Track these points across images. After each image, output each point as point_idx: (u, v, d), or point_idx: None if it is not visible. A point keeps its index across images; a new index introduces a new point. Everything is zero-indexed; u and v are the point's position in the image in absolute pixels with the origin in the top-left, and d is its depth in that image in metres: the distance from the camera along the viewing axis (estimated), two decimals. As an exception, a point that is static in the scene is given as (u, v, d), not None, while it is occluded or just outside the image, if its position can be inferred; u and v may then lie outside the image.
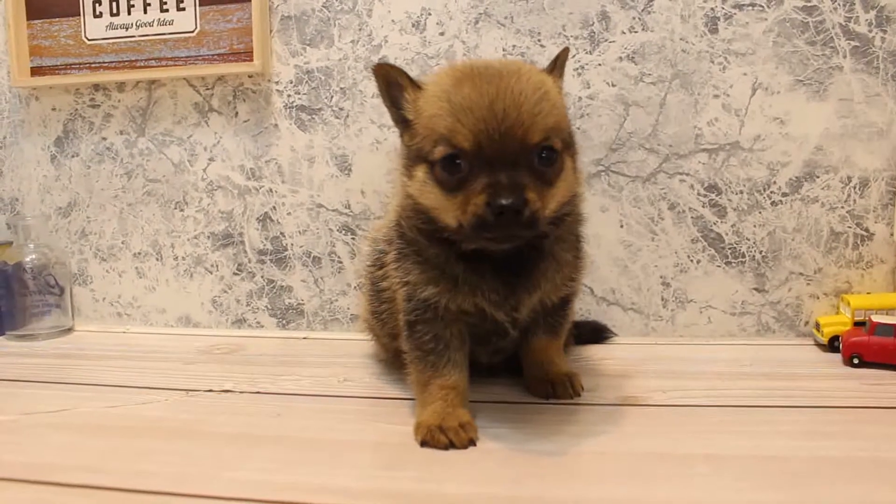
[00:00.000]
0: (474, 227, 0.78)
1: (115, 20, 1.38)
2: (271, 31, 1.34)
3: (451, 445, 0.82)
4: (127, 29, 1.38)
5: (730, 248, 1.24)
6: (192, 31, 1.35)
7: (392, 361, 1.08)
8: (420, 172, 0.83)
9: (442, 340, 0.90)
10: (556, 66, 0.90)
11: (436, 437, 0.82)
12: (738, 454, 0.79)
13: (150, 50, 1.38)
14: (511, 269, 0.87)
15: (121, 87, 1.42)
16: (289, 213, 1.37)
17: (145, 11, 1.37)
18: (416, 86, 0.85)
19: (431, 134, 0.81)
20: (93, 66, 1.41)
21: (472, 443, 0.83)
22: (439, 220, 0.83)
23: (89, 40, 1.40)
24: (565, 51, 0.91)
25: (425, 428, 0.84)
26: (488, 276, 0.87)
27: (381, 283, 1.00)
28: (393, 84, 0.87)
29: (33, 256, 1.41)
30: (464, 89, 0.79)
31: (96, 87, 1.43)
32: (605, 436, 0.85)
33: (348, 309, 1.37)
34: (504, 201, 0.75)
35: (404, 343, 0.93)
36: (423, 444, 0.83)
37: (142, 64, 1.39)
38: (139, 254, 1.46)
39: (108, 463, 0.80)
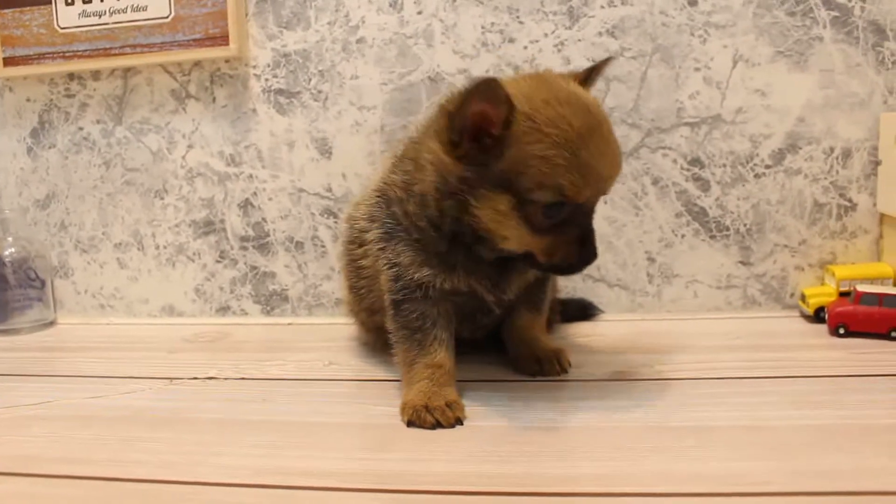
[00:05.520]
0: (560, 268, 0.86)
1: (88, 7, 1.36)
2: (247, 15, 1.32)
3: (437, 425, 0.81)
4: (100, 16, 1.36)
5: (714, 222, 1.24)
6: (167, 17, 1.33)
7: (374, 342, 1.08)
8: (502, 204, 0.80)
9: (429, 319, 0.89)
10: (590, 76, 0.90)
11: (422, 417, 0.82)
12: (726, 425, 0.79)
13: (125, 37, 1.35)
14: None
15: (96, 75, 1.40)
16: (270, 199, 1.36)
17: (118, -2, 1.35)
18: (511, 106, 0.78)
19: (537, 175, 0.78)
20: (66, 54, 1.38)
21: (459, 422, 0.82)
22: (499, 244, 0.84)
23: (62, 28, 1.38)
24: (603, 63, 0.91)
25: (411, 408, 0.83)
26: (484, 262, 0.89)
27: (360, 261, 0.99)
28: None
29: (12, 250, 1.39)
30: (590, 145, 0.78)
31: (71, 76, 1.41)
32: (594, 411, 0.85)
33: (333, 293, 1.36)
34: (593, 255, 0.83)
35: (389, 322, 0.92)
36: (410, 424, 0.82)
37: (116, 51, 1.36)
38: (120, 244, 1.44)
39: (92, 453, 0.80)
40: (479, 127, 0.78)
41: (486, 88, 0.75)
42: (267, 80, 1.33)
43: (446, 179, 0.83)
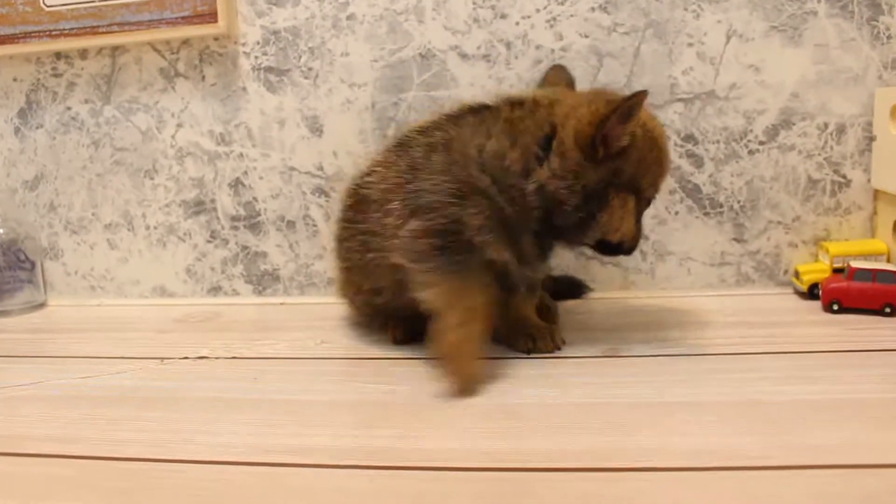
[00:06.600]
0: (631, 250, 0.99)
1: (74, -15, 1.34)
2: (236, -8, 1.31)
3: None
4: (87, -7, 1.34)
5: (708, 199, 1.24)
6: (155, -6, 1.31)
7: (369, 324, 1.07)
8: (631, 202, 0.94)
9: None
10: None
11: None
12: (720, 400, 0.79)
13: (112, 15, 1.34)
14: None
15: (83, 54, 1.39)
16: (261, 178, 1.35)
17: (105, -25, 1.33)
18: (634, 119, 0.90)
19: (649, 176, 0.95)
20: (53, 33, 1.36)
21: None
22: (608, 235, 0.95)
23: (48, 7, 1.36)
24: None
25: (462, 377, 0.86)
26: (536, 243, 0.96)
27: (379, 222, 0.95)
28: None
29: (1, 231, 1.38)
30: (668, 149, 0.98)
31: (58, 55, 1.39)
32: (587, 387, 0.84)
33: (325, 273, 1.35)
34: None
35: (437, 260, 0.89)
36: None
37: (104, 29, 1.34)
38: (110, 225, 1.43)
39: (81, 432, 0.79)
40: (614, 138, 0.90)
41: (628, 107, 0.87)
42: (256, 57, 1.32)
43: (588, 183, 0.91)
